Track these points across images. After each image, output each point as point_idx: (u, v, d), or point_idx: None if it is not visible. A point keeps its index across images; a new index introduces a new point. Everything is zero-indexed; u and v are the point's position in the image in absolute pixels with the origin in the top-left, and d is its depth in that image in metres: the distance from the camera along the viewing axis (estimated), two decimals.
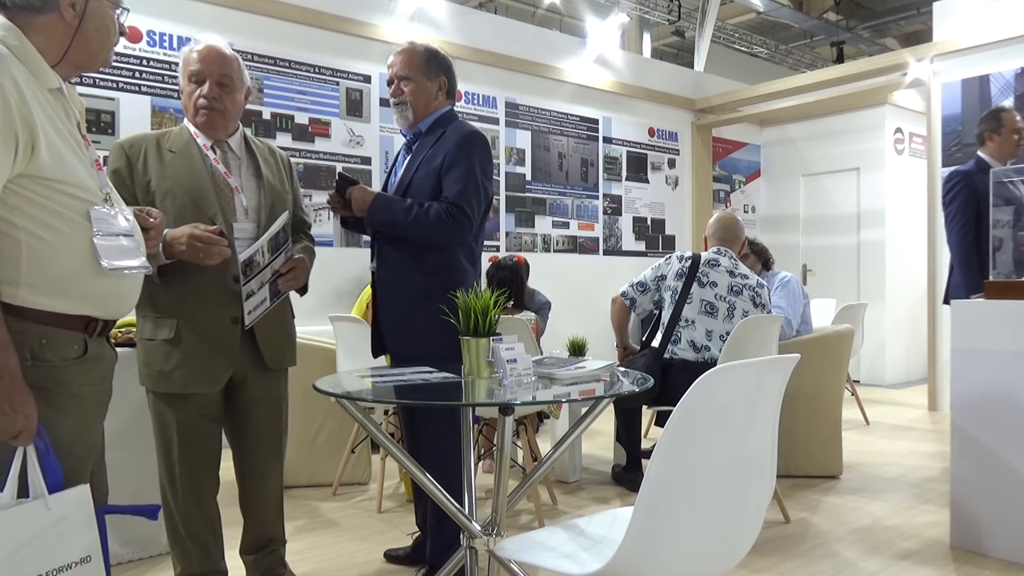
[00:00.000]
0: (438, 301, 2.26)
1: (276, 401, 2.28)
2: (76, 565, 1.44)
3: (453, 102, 2.49)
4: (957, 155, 5.76)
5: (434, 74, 2.39)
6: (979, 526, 2.77)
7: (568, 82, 6.48)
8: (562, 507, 3.42)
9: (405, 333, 2.38)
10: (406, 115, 2.39)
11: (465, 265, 2.35)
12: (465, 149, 2.28)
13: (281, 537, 2.37)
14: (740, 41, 10.03)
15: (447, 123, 2.39)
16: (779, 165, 8.27)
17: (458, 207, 2.24)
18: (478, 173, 2.29)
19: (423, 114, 2.40)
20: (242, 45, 4.74)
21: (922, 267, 6.27)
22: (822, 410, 3.81)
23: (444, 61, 2.44)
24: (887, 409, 5.97)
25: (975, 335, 2.76)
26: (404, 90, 2.37)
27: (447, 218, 2.23)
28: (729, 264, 3.52)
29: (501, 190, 6.07)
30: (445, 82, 2.42)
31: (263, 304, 2.13)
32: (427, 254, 2.32)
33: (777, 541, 2.94)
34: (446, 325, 2.21)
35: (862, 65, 6.55)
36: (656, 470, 1.34)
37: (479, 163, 2.30)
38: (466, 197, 2.25)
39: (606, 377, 2.07)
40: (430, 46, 2.45)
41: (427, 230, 2.25)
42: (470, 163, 2.28)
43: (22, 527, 1.36)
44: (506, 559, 1.62)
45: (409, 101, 2.37)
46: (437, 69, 2.40)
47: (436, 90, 2.40)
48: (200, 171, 2.10)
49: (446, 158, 2.29)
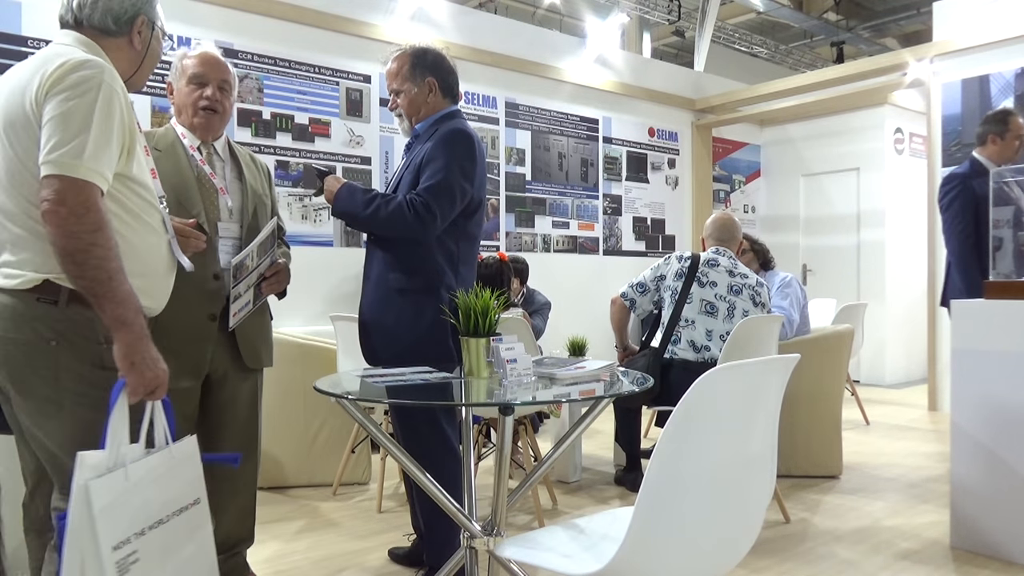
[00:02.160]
0: (410, 300, 2.27)
1: (253, 400, 2.30)
2: (190, 506, 1.59)
3: (455, 100, 2.44)
4: (957, 155, 5.75)
5: (420, 77, 2.38)
6: (979, 526, 2.77)
7: (568, 82, 6.48)
8: (562, 507, 3.42)
9: (379, 332, 2.36)
10: (404, 125, 2.44)
11: (441, 265, 2.30)
12: (445, 146, 2.26)
13: (249, 538, 2.36)
14: (740, 41, 10.03)
15: (443, 123, 2.36)
16: (779, 165, 8.27)
17: (423, 201, 2.19)
18: (453, 171, 2.24)
19: (419, 119, 2.41)
20: (242, 45, 4.74)
21: (922, 267, 6.27)
22: (822, 410, 3.81)
23: (432, 60, 2.40)
24: (887, 409, 5.97)
25: (975, 335, 2.76)
26: (398, 102, 2.42)
27: (407, 211, 2.18)
28: (728, 264, 3.52)
29: (501, 190, 6.07)
30: (434, 82, 2.38)
31: (247, 306, 2.18)
32: (402, 252, 2.30)
33: (777, 541, 2.94)
34: (417, 324, 2.25)
35: (862, 65, 6.55)
36: (656, 470, 1.34)
37: (457, 160, 2.25)
38: (434, 192, 2.20)
39: (606, 377, 2.07)
40: (418, 48, 2.42)
41: (385, 222, 2.22)
42: (447, 159, 2.24)
43: (153, 473, 1.50)
44: (506, 559, 1.62)
45: (404, 112, 2.41)
46: (423, 71, 2.38)
47: (427, 92, 2.38)
48: (185, 170, 2.14)
49: (426, 154, 2.28)
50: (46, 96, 1.52)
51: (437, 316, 2.26)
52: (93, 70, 1.55)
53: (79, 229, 1.48)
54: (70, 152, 1.49)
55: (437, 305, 2.26)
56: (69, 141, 1.50)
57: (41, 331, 1.55)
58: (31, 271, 1.55)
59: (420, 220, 2.18)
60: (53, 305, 1.56)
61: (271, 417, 3.28)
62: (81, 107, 1.51)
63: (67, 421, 1.57)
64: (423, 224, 2.19)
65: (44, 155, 1.49)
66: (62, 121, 1.50)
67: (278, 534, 3.04)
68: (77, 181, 1.49)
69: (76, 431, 1.56)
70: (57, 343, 1.55)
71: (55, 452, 1.59)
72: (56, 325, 1.56)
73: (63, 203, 1.47)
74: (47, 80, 1.52)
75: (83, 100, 1.52)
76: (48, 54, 1.60)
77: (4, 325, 1.55)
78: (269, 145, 4.84)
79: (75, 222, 1.48)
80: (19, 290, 1.55)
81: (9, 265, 1.57)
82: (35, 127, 1.53)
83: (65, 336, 1.56)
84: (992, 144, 3.74)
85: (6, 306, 1.55)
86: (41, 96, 1.52)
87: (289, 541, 2.95)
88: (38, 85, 1.53)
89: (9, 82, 1.61)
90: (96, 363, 1.59)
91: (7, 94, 1.58)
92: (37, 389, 1.56)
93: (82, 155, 1.50)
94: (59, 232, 1.48)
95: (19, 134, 1.55)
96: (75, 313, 1.57)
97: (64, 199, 1.47)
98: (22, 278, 1.55)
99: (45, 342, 1.55)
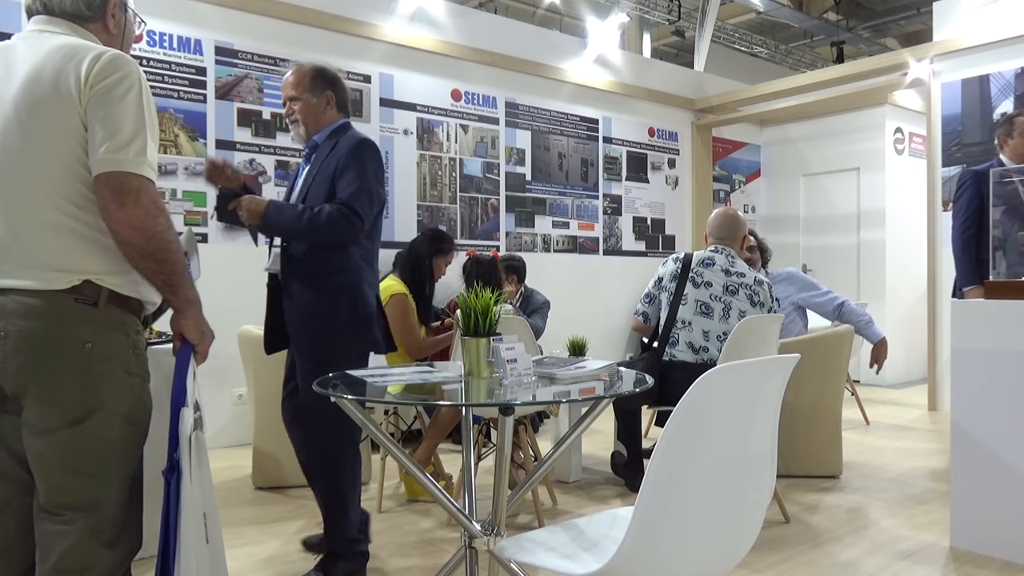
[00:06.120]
0: (335, 299, 2.40)
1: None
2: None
3: (347, 115, 2.62)
4: (957, 155, 5.76)
5: (319, 90, 2.52)
6: (979, 526, 2.77)
7: (568, 82, 6.48)
8: (562, 507, 3.42)
9: (305, 335, 2.46)
10: (299, 131, 2.55)
11: (360, 264, 2.46)
12: (356, 155, 2.40)
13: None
14: (740, 41, 10.02)
15: (341, 134, 2.52)
16: (779, 165, 8.27)
17: (349, 207, 2.33)
18: (369, 177, 2.40)
19: (315, 128, 2.54)
20: (242, 45, 4.74)
21: (922, 267, 6.26)
22: (822, 410, 3.81)
23: (330, 77, 2.57)
24: (887, 409, 5.97)
25: (975, 335, 2.76)
26: (294, 109, 2.53)
27: (339, 218, 2.32)
28: (724, 263, 3.48)
29: (501, 190, 6.07)
30: (332, 96, 2.55)
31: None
32: (323, 254, 2.43)
33: (777, 541, 2.94)
34: (352, 319, 2.40)
35: (862, 65, 6.54)
36: (656, 470, 1.34)
37: (370, 168, 2.41)
38: (357, 198, 2.35)
39: (606, 377, 2.07)
40: (317, 64, 2.59)
41: (321, 230, 2.34)
42: (361, 167, 2.39)
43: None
44: (506, 559, 1.62)
45: (300, 118, 2.53)
46: (322, 85, 2.53)
47: (324, 104, 2.54)
48: None
49: (339, 164, 2.41)
50: (91, 89, 1.47)
51: (366, 309, 2.45)
52: (128, 63, 1.53)
53: (158, 229, 1.48)
54: (134, 149, 1.47)
55: (364, 299, 2.45)
56: (131, 139, 1.47)
57: (79, 333, 1.49)
58: (68, 271, 1.49)
59: (352, 225, 2.34)
60: (93, 307, 1.51)
61: (271, 417, 3.28)
62: (133, 103, 1.49)
63: (86, 430, 1.50)
64: (354, 227, 2.35)
65: (104, 152, 1.46)
66: (120, 118, 1.47)
67: (278, 534, 3.03)
68: (144, 180, 1.48)
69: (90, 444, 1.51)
70: (93, 345, 1.50)
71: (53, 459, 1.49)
72: (95, 327, 1.51)
73: (138, 203, 1.46)
74: (92, 72, 1.48)
75: (131, 95, 1.49)
76: (68, 44, 1.53)
77: (35, 326, 1.47)
78: (269, 145, 4.84)
79: (152, 223, 1.47)
80: (53, 291, 1.47)
81: (40, 267, 1.48)
82: (77, 119, 1.48)
83: (102, 338, 1.52)
84: (1006, 145, 3.81)
85: (35, 307, 1.47)
86: (86, 89, 1.47)
87: (289, 541, 2.94)
88: (77, 77, 1.47)
89: (18, 68, 1.52)
90: (125, 368, 1.56)
91: (26, 82, 1.50)
92: (63, 395, 1.49)
93: (144, 152, 1.49)
94: (138, 234, 1.47)
95: (47, 119, 1.47)
96: (112, 315, 1.53)
97: (139, 200, 1.46)
98: (59, 279, 1.48)
99: (81, 344, 1.49)
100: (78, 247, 1.50)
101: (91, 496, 1.51)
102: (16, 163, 1.49)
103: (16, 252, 1.49)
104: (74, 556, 1.49)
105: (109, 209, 1.46)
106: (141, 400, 1.60)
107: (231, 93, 4.71)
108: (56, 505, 1.51)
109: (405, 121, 5.48)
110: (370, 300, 2.47)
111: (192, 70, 4.56)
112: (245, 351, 3.67)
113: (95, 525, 1.51)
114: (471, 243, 5.83)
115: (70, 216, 1.49)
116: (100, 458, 1.52)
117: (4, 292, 1.48)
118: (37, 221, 1.49)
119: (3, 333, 1.47)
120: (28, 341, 1.47)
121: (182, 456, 1.51)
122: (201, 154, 4.56)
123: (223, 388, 4.49)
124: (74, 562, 1.49)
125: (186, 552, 1.49)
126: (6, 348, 1.46)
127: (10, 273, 1.48)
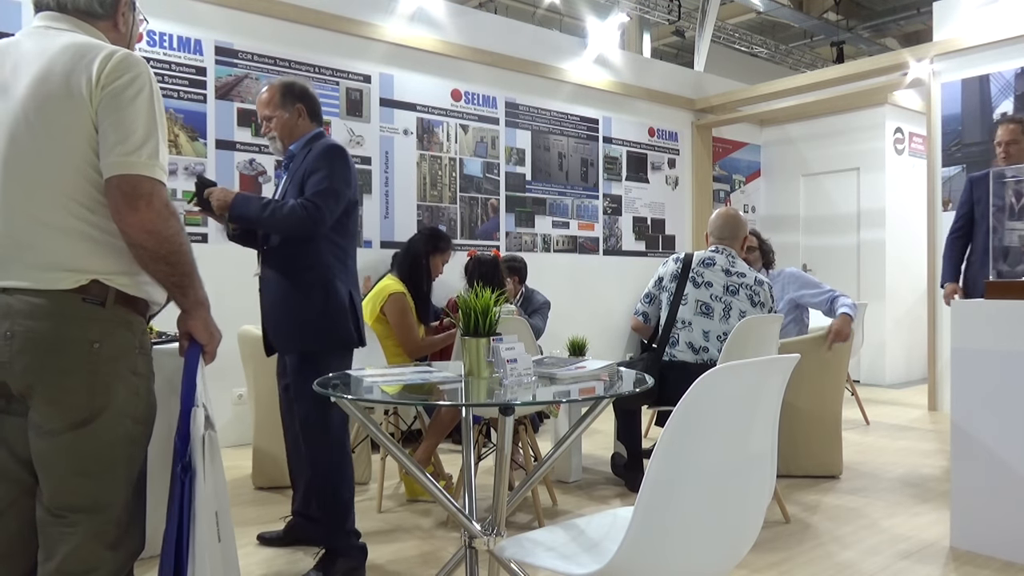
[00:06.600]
0: (307, 294, 2.50)
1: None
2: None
3: (320, 123, 2.74)
4: (957, 155, 5.76)
5: (289, 104, 2.65)
6: (979, 526, 2.76)
7: (568, 82, 6.48)
8: (562, 507, 3.42)
9: (281, 328, 2.58)
10: (276, 146, 2.69)
11: (331, 261, 2.55)
12: (324, 158, 2.53)
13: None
14: (740, 41, 10.02)
15: (315, 142, 2.64)
16: (779, 165, 8.27)
17: (312, 202, 2.44)
18: (336, 178, 2.51)
19: (291, 140, 2.67)
20: (242, 45, 4.74)
21: (922, 267, 6.26)
22: (822, 410, 3.81)
23: (298, 90, 2.69)
24: (887, 409, 5.97)
25: (975, 335, 2.76)
26: (270, 127, 2.67)
27: (300, 210, 2.43)
28: (725, 263, 3.48)
29: (501, 190, 6.07)
30: (303, 108, 2.67)
31: None
32: (294, 251, 2.53)
33: (777, 541, 2.94)
34: (325, 314, 2.49)
35: (862, 65, 6.54)
36: (656, 470, 1.34)
37: (338, 170, 2.53)
38: (321, 195, 2.46)
39: (606, 377, 2.07)
40: (285, 80, 2.71)
41: (282, 221, 2.44)
42: (328, 169, 2.51)
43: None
44: (506, 559, 1.62)
45: (276, 134, 2.66)
46: (291, 99, 2.65)
47: (296, 117, 2.66)
48: None
49: (310, 167, 2.54)
50: (103, 90, 1.46)
51: (338, 303, 2.53)
52: (139, 63, 1.52)
53: (170, 232, 1.49)
54: (146, 152, 1.47)
55: (336, 294, 2.53)
56: (143, 142, 1.47)
57: (86, 332, 1.48)
58: (76, 271, 1.48)
59: (311, 218, 2.44)
60: (100, 306, 1.50)
61: (271, 417, 3.28)
62: (144, 105, 1.49)
63: (92, 431, 1.49)
64: (314, 222, 2.44)
65: (116, 155, 1.45)
66: (132, 121, 1.47)
67: None
68: (156, 183, 1.48)
69: (96, 445, 1.50)
70: (100, 345, 1.49)
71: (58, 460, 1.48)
72: (103, 326, 1.50)
73: (150, 207, 1.46)
74: (104, 72, 1.46)
75: (142, 97, 1.49)
76: (77, 42, 1.52)
77: (42, 326, 1.45)
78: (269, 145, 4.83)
79: (164, 226, 1.48)
80: (60, 291, 1.46)
81: (47, 268, 1.47)
82: (88, 120, 1.47)
83: (109, 338, 1.51)
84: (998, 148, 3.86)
85: (41, 307, 1.45)
86: (97, 90, 1.46)
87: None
88: (88, 77, 1.46)
89: (26, 67, 1.50)
90: (132, 368, 1.55)
91: (35, 81, 1.48)
92: (70, 395, 1.48)
93: (156, 155, 1.49)
94: (151, 238, 1.47)
95: (58, 120, 1.46)
96: (120, 315, 1.53)
97: (151, 203, 1.46)
98: (66, 279, 1.47)
99: (88, 344, 1.48)
100: (87, 249, 1.49)
101: (96, 498, 1.50)
102: (25, 164, 1.48)
103: (23, 254, 1.48)
104: (78, 558, 1.48)
105: (121, 212, 1.46)
106: (147, 400, 1.60)
107: (231, 93, 4.71)
108: (60, 507, 1.49)
109: (405, 121, 5.48)
110: (342, 295, 2.55)
111: (192, 70, 4.56)
112: (245, 351, 3.67)
113: (99, 527, 1.50)
114: (471, 243, 5.83)
115: (80, 219, 1.48)
116: (105, 459, 1.51)
117: (10, 292, 1.47)
118: (46, 224, 1.48)
119: (9, 333, 1.45)
120: (35, 341, 1.45)
121: (195, 456, 1.53)
122: (201, 154, 4.56)
123: (223, 388, 4.49)
124: (78, 564, 1.48)
125: (200, 552, 1.49)
126: (12, 348, 1.45)
127: (17, 274, 1.47)
